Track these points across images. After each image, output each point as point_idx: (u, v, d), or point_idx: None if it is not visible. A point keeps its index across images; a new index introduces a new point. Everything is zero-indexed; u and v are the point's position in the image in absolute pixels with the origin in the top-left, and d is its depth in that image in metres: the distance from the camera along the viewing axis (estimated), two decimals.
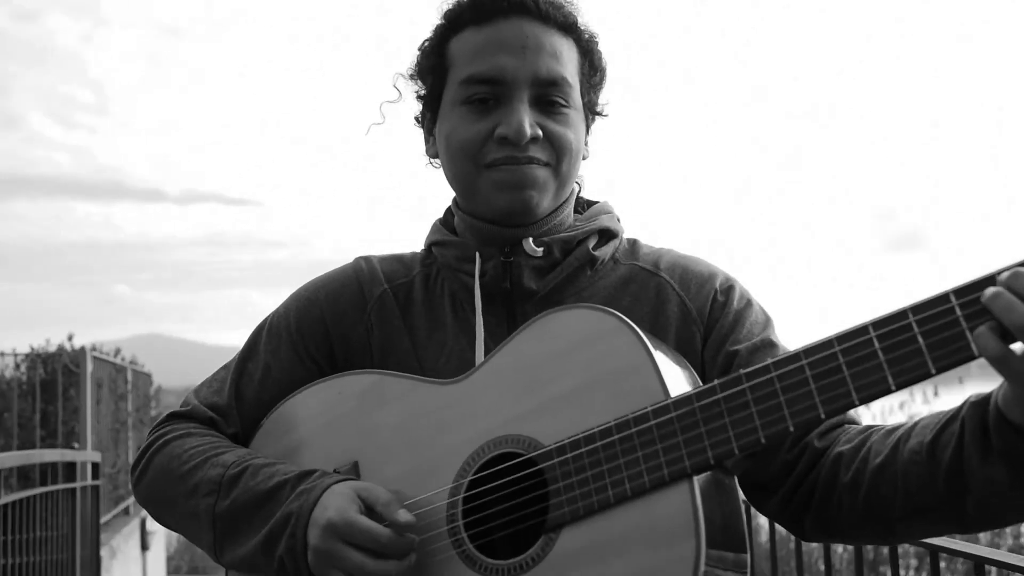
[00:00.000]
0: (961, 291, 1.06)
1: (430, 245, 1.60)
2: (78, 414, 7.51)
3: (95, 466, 6.57)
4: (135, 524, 8.47)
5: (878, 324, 1.11)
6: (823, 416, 1.13)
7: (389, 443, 1.43)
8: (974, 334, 1.06)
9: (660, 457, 1.20)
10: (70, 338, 7.86)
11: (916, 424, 1.29)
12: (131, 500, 8.75)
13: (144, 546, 8.58)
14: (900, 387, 1.10)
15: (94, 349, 8.06)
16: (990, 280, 1.06)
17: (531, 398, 1.33)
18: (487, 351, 1.46)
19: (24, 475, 6.38)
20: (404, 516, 1.29)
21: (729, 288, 1.52)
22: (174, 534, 11.00)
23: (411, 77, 1.60)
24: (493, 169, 1.46)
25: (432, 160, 1.60)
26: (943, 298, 1.07)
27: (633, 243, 1.59)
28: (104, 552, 6.81)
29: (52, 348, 7.57)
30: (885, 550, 2.93)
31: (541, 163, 1.47)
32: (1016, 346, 1.04)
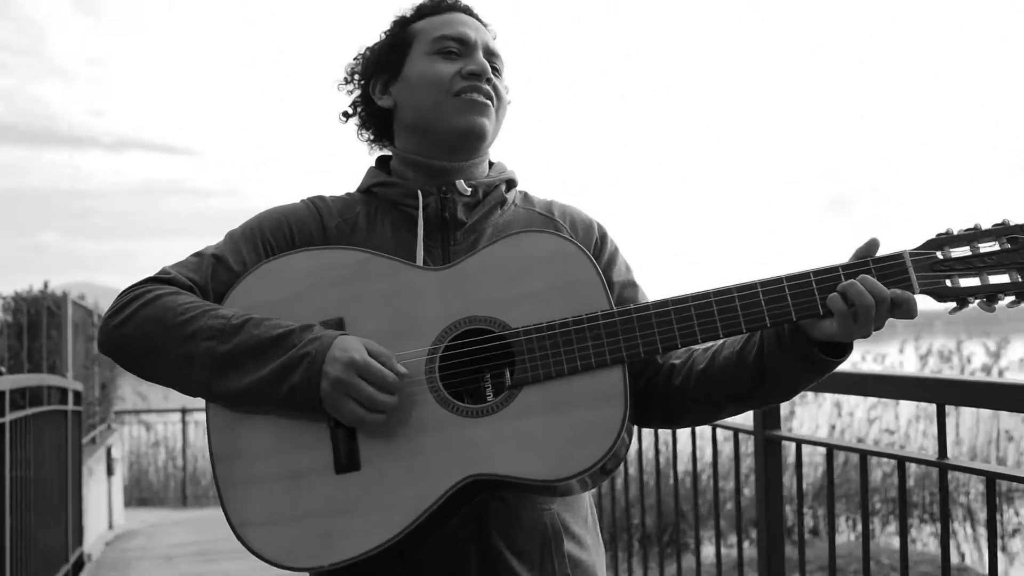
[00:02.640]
0: (818, 272, 1.56)
1: (370, 186, 1.85)
2: (59, 351, 8.49)
3: (77, 394, 7.35)
4: (102, 451, 9.36)
5: (764, 283, 1.57)
6: (722, 334, 1.58)
7: (373, 307, 1.65)
8: (828, 298, 1.54)
9: (604, 346, 1.58)
10: (45, 285, 8.83)
11: (724, 343, 1.72)
12: (100, 429, 9.66)
13: (110, 471, 9.54)
14: (772, 325, 1.57)
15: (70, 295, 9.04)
16: (836, 270, 1.55)
17: (503, 291, 1.63)
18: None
19: (13, 401, 6.96)
20: (402, 368, 1.58)
21: (605, 235, 1.90)
22: (129, 466, 11.76)
23: (354, 70, 1.94)
24: (460, 97, 1.78)
25: (386, 111, 1.88)
26: (806, 274, 1.56)
27: (524, 193, 1.93)
28: (83, 472, 7.61)
29: (35, 293, 8.53)
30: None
31: (490, 101, 1.81)
32: (853, 311, 1.53)
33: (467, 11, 1.88)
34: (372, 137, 1.95)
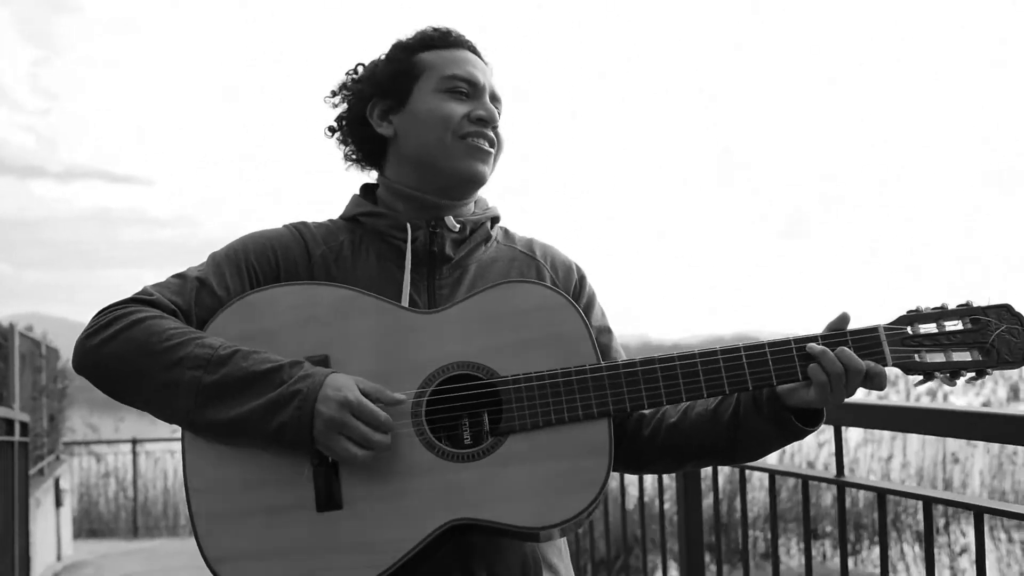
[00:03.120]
0: (798, 340, 1.63)
1: (355, 215, 1.84)
2: (6, 382, 8.40)
3: (24, 425, 7.29)
4: (50, 482, 9.26)
5: (748, 347, 1.63)
6: (706, 395, 1.63)
7: (359, 347, 1.64)
8: (809, 367, 1.60)
9: (592, 399, 1.61)
10: None
11: (695, 403, 1.75)
12: (47, 460, 9.55)
13: (58, 502, 9.42)
14: (754, 388, 1.63)
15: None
16: (815, 339, 1.62)
17: (492, 339, 1.64)
18: (410, 300, 1.73)
19: None
20: (396, 396, 1.59)
21: (583, 277, 1.92)
22: (79, 497, 11.59)
23: (345, 86, 1.91)
24: (465, 141, 1.78)
25: (382, 138, 1.85)
26: (787, 342, 1.64)
27: (505, 230, 1.93)
28: (31, 503, 7.55)
29: None
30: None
31: (493, 148, 1.82)
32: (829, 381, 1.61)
33: (473, 50, 1.87)
34: (358, 158, 1.93)
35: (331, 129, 1.93)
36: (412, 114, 1.81)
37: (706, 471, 4.24)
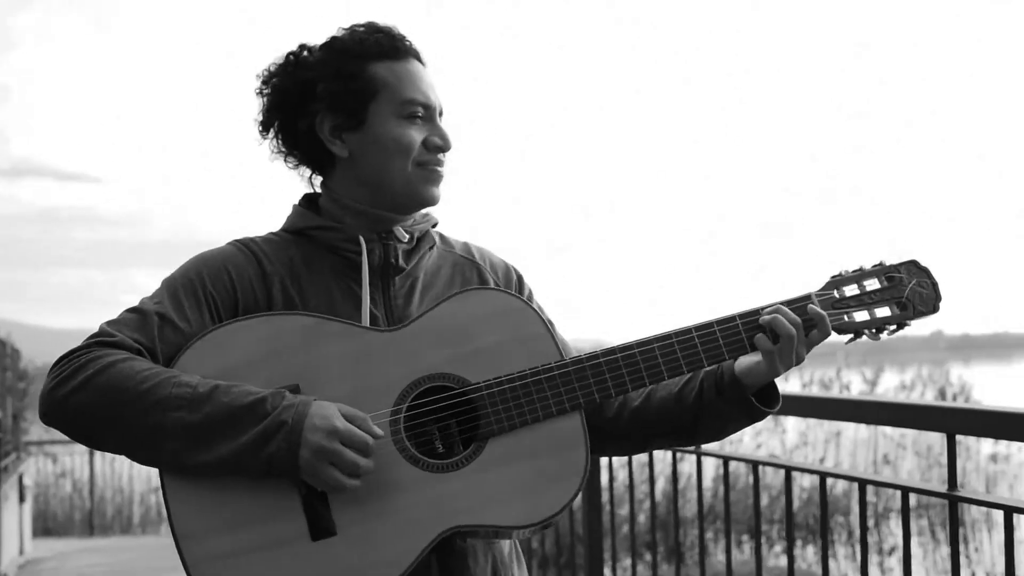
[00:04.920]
0: (743, 315, 1.72)
1: (302, 228, 1.80)
2: None
3: None
4: (14, 479, 9.46)
5: (698, 328, 1.71)
6: (666, 377, 1.72)
7: (328, 373, 1.64)
8: (755, 337, 1.69)
9: (563, 395, 1.67)
10: None
11: (658, 386, 1.80)
12: (11, 457, 9.73)
13: (21, 498, 9.61)
14: (708, 365, 1.72)
15: None
16: (757, 312, 1.71)
17: (457, 349, 1.67)
18: (370, 314, 1.73)
19: None
20: (378, 430, 1.59)
21: (520, 277, 1.95)
22: (35, 497, 11.66)
23: (277, 81, 1.80)
24: (423, 168, 1.78)
25: (330, 152, 1.79)
26: (732, 318, 1.72)
27: (441, 235, 1.93)
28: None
29: None
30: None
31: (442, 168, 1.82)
32: (776, 347, 1.70)
33: (418, 56, 1.84)
34: (297, 162, 1.85)
35: (264, 126, 1.84)
36: (369, 138, 1.78)
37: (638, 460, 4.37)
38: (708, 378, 1.78)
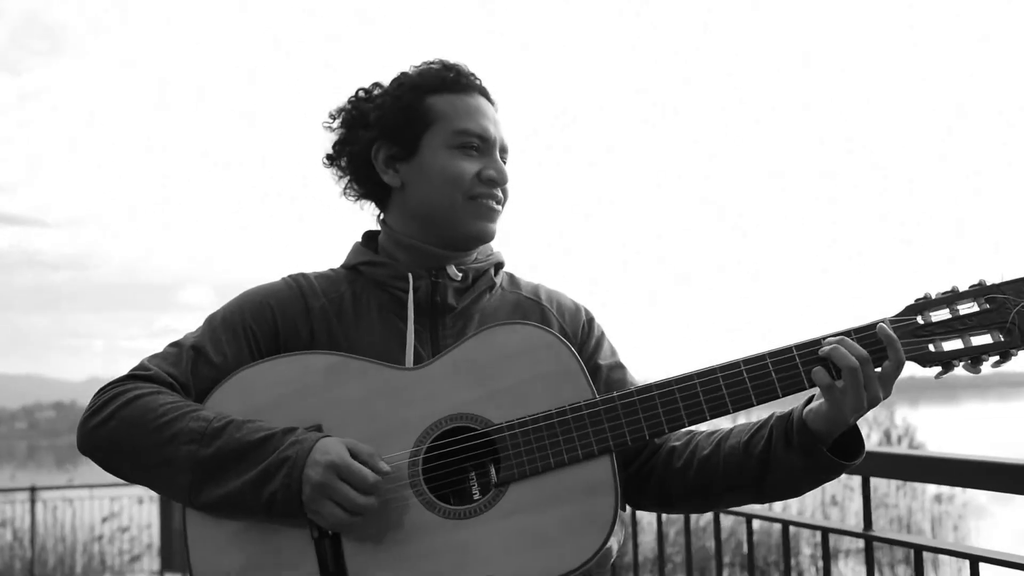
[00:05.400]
0: (800, 346, 1.54)
1: (355, 264, 1.79)
2: None
3: None
4: None
5: (747, 361, 1.55)
6: (708, 416, 1.56)
7: (350, 412, 1.60)
8: (812, 371, 1.51)
9: (590, 436, 1.55)
10: None
11: (732, 430, 1.68)
12: None
13: None
14: (759, 403, 1.55)
15: None
16: (817, 342, 1.53)
17: (481, 388, 1.59)
18: (415, 352, 1.69)
19: None
20: (384, 466, 1.53)
21: (591, 319, 1.86)
22: None
23: (352, 114, 1.81)
24: (475, 201, 1.73)
25: (386, 184, 1.79)
26: (788, 349, 1.54)
27: (511, 276, 1.88)
28: None
29: None
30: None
31: (499, 206, 1.77)
32: (838, 383, 1.50)
33: (483, 92, 1.81)
34: (359, 194, 1.86)
35: (329, 158, 1.86)
36: (420, 168, 1.76)
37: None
38: (779, 425, 1.62)
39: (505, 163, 1.80)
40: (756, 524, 2.79)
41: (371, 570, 1.54)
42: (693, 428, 1.68)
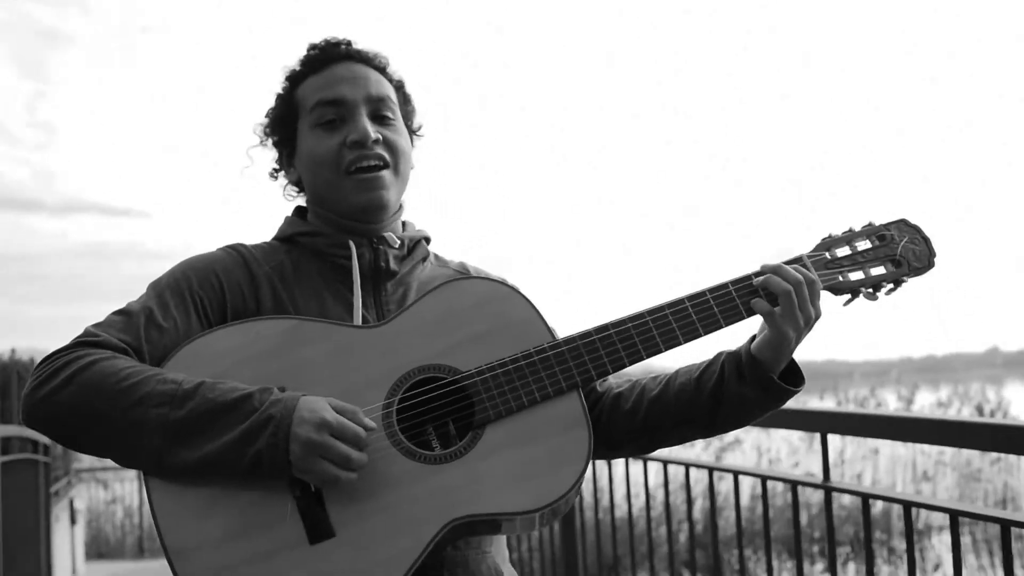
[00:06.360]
0: (735, 281, 1.67)
1: (291, 235, 1.78)
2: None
3: (45, 447, 7.76)
4: (66, 502, 9.75)
5: (690, 297, 1.66)
6: (663, 348, 1.66)
7: (315, 373, 1.57)
8: (752, 301, 1.64)
9: (558, 375, 1.61)
10: (12, 352, 9.46)
11: (679, 370, 1.76)
12: (63, 481, 10.07)
13: (73, 520, 9.92)
14: (706, 334, 1.67)
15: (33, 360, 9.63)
16: (750, 276, 1.67)
17: (446, 340, 1.62)
18: (363, 318, 1.69)
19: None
20: (370, 422, 1.51)
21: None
22: (87, 522, 11.96)
23: (264, 134, 1.84)
24: (352, 175, 1.70)
25: (290, 189, 1.85)
26: (725, 285, 1.67)
27: (436, 254, 1.91)
28: (51, 519, 7.93)
29: (4, 359, 9.12)
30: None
31: (384, 164, 1.72)
32: (777, 309, 1.63)
33: (350, 55, 1.78)
34: (298, 193, 1.88)
35: (275, 172, 1.89)
36: (301, 159, 1.78)
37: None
38: (730, 361, 1.71)
39: (388, 116, 1.78)
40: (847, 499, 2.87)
41: (356, 523, 1.52)
42: (637, 378, 1.82)
